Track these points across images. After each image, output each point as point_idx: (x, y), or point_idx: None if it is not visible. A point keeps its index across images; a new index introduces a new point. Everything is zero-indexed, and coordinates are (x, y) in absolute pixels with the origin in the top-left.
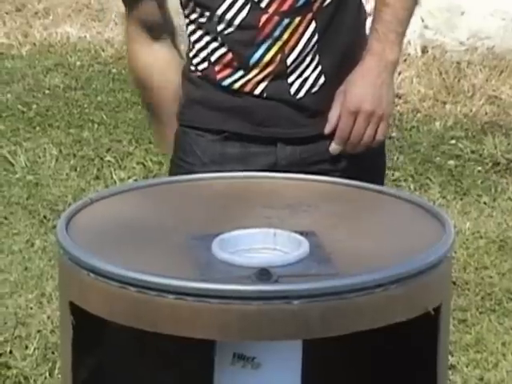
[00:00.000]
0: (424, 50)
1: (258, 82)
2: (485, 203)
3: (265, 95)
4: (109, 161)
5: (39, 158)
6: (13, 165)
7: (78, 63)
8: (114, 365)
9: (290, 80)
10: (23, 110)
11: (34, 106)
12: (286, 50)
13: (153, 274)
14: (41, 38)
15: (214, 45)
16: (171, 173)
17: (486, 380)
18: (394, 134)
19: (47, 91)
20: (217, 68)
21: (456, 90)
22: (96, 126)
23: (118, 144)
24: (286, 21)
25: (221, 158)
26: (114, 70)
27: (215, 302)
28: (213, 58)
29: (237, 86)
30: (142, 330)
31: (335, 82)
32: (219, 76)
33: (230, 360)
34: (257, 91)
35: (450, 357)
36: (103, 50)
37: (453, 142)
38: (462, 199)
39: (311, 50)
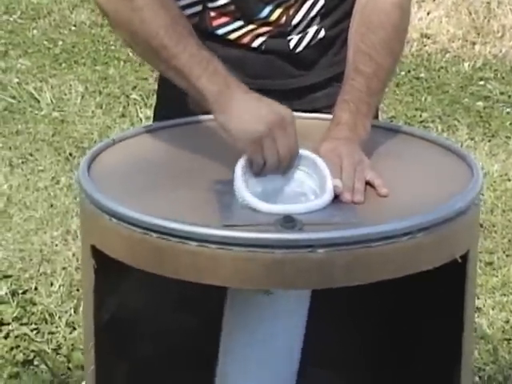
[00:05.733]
0: None
1: (257, 36)
2: None
3: (263, 48)
4: (134, 99)
5: (65, 94)
6: (38, 101)
7: None
8: (135, 306)
9: (289, 37)
10: (49, 47)
11: (60, 43)
12: (291, 11)
13: (175, 221)
14: None
15: None
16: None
17: (511, 323)
18: (422, 75)
19: (73, 27)
20: (212, 14)
21: (485, 30)
22: (122, 63)
23: (143, 82)
24: None
25: None
26: None
27: (238, 250)
28: (210, 4)
29: (233, 36)
30: None
31: (333, 35)
32: (214, 23)
33: None
34: (255, 44)
35: (475, 299)
36: None
37: (481, 83)
38: (490, 141)
39: (316, 13)
